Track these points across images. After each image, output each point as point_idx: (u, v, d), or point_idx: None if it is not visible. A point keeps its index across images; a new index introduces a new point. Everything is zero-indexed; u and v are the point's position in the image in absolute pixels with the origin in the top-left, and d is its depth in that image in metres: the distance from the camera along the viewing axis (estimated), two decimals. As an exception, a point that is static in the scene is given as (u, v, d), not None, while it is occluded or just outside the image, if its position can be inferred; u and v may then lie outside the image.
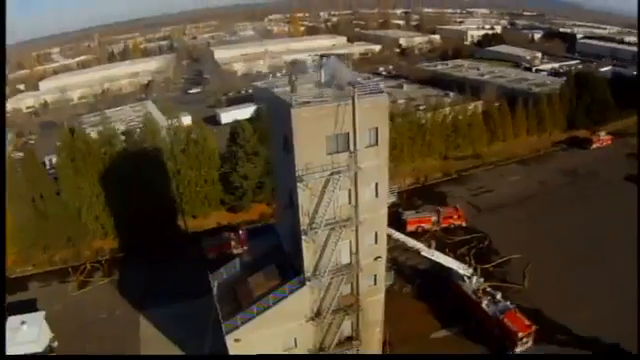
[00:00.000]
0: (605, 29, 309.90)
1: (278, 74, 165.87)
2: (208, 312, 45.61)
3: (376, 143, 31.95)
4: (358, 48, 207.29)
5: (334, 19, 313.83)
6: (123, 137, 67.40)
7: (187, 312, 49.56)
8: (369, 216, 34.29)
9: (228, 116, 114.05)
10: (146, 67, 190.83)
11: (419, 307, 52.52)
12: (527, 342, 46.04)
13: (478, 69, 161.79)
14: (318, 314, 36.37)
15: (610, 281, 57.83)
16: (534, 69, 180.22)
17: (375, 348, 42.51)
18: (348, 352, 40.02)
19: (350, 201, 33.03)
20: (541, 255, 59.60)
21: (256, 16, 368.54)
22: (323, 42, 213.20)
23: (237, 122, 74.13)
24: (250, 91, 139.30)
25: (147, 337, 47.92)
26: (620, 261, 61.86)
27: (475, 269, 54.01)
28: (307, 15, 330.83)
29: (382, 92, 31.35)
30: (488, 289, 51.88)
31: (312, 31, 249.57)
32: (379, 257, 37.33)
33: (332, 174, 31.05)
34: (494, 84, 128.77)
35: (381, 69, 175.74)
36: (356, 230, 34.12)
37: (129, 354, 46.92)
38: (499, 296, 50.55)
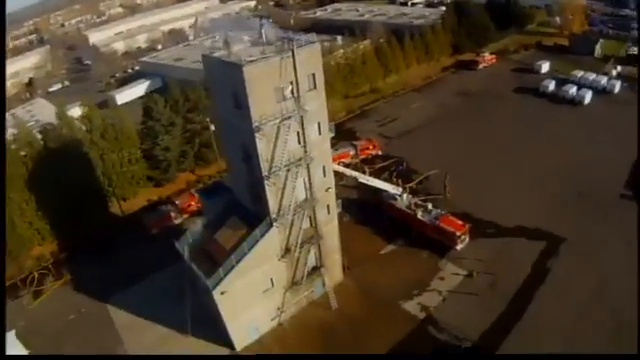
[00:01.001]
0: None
1: (159, 46, 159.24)
2: (175, 280, 46.75)
3: (315, 87, 34.49)
4: (233, 7, 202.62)
5: None
6: (40, 136, 63.13)
7: (152, 287, 50.33)
8: (316, 152, 37.40)
9: (123, 96, 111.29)
10: (24, 65, 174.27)
11: (362, 231, 56.90)
12: (465, 239, 52.19)
13: (357, 10, 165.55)
14: (287, 251, 39.17)
15: (516, 176, 66.28)
16: (409, 3, 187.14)
17: (337, 272, 46.45)
18: (315, 280, 43.14)
19: (300, 141, 35.52)
20: (454, 166, 65.96)
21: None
22: (195, 6, 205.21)
23: (138, 100, 72.01)
24: (137, 68, 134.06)
25: (123, 323, 47.63)
26: (520, 157, 70.53)
27: (404, 187, 58.61)
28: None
29: (315, 42, 33.25)
30: (419, 202, 56.81)
31: None
32: (329, 188, 40.55)
33: (283, 120, 32.88)
34: (377, 23, 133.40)
35: (262, 22, 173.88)
36: (307, 167, 36.58)
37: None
38: (430, 206, 55.73)
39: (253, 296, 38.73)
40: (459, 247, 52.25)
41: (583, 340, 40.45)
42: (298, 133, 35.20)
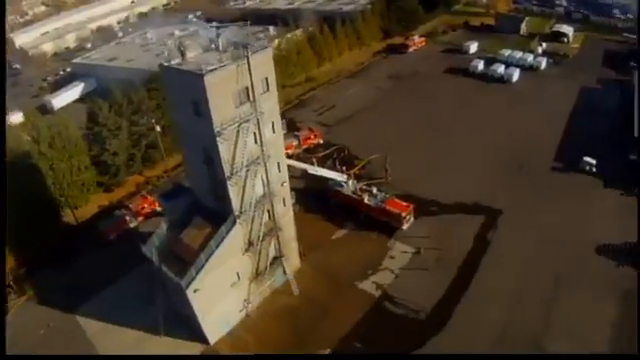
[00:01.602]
0: None
1: (88, 45, 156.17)
2: (141, 283, 49.94)
3: (268, 89, 38.79)
4: (161, 1, 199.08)
5: None
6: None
7: (119, 293, 52.46)
8: (272, 150, 41.62)
9: (60, 100, 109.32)
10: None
11: (313, 219, 61.45)
12: (410, 219, 58.43)
13: None
14: (250, 244, 43.54)
15: (452, 154, 73.97)
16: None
17: (295, 260, 51.50)
18: (276, 269, 47.95)
19: (257, 141, 39.69)
20: (393, 149, 72.05)
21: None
22: (121, 1, 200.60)
23: (75, 103, 72.61)
24: (69, 69, 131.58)
25: (95, 331, 49.04)
26: (454, 136, 78.29)
27: (349, 175, 64.22)
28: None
29: (267, 47, 37.61)
30: (364, 187, 62.62)
31: None
32: (284, 182, 45.23)
33: (241, 123, 37.15)
34: (307, 10, 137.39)
35: (190, 16, 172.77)
36: (265, 164, 41.01)
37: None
38: (375, 190, 61.67)
39: (222, 291, 42.63)
40: (405, 227, 58.48)
41: (523, 305, 47.87)
42: (255, 134, 39.16)
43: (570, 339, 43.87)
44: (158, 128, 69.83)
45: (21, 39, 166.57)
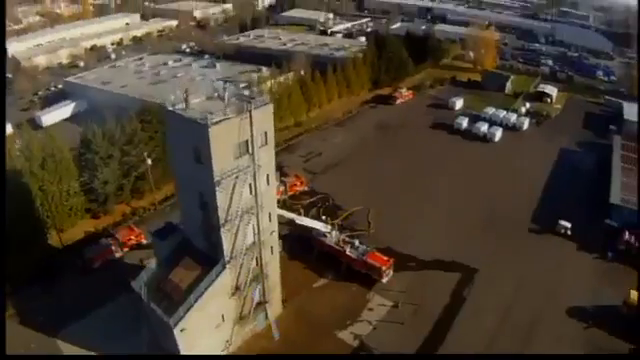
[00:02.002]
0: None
1: (81, 63, 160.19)
2: (123, 312, 52.41)
3: (266, 143, 42.70)
4: (155, 26, 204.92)
5: None
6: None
7: (101, 320, 54.20)
8: (265, 201, 45.22)
9: (49, 118, 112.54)
10: None
11: (296, 265, 64.52)
12: (389, 273, 61.98)
13: (279, 38, 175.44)
14: (237, 289, 46.58)
15: (432, 210, 78.24)
16: (329, 31, 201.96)
17: (278, 305, 54.40)
18: (259, 313, 51.03)
19: (251, 192, 43.34)
20: (375, 201, 76.89)
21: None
22: (117, 22, 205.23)
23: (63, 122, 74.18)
24: (60, 86, 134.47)
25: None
26: (435, 192, 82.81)
27: (332, 225, 68.04)
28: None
29: (268, 103, 41.83)
30: (347, 239, 66.38)
31: (102, 10, 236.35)
32: (273, 231, 48.73)
33: (239, 174, 41.00)
34: (298, 53, 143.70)
35: (184, 47, 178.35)
36: (257, 214, 44.74)
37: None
38: (357, 242, 65.50)
39: (206, 331, 45.05)
40: (385, 280, 61.68)
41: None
42: (250, 185, 43.02)
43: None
44: (149, 161, 72.85)
45: (14, 48, 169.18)
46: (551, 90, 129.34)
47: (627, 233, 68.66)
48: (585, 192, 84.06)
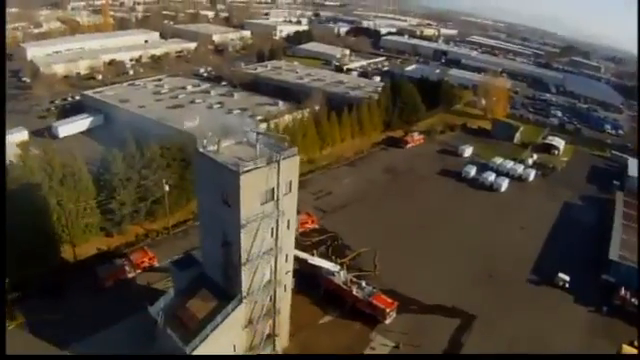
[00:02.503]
0: (405, 21, 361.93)
1: (99, 76, 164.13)
2: (132, 334, 55.88)
3: (290, 191, 47.11)
4: (174, 46, 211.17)
5: (139, 7, 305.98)
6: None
7: (111, 338, 57.05)
8: (284, 244, 49.48)
9: (66, 129, 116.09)
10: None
11: (302, 301, 67.24)
12: (392, 315, 65.44)
13: (296, 72, 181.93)
14: (250, 322, 50.48)
15: (436, 256, 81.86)
16: (345, 68, 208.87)
17: (285, 338, 57.92)
18: (267, 345, 54.76)
19: (272, 235, 47.62)
20: (381, 243, 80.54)
21: (57, 2, 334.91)
22: (136, 38, 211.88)
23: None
24: (77, 97, 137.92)
25: None
26: (440, 239, 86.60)
27: (341, 265, 72.01)
28: (111, 2, 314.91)
29: (295, 155, 46.35)
30: (354, 279, 70.18)
31: (122, 24, 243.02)
32: (288, 271, 52.84)
33: (263, 218, 45.40)
34: (315, 89, 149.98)
35: (201, 70, 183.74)
36: (276, 255, 48.99)
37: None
38: (364, 283, 69.30)
39: None
40: (388, 321, 65.19)
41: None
42: (272, 228, 47.55)
43: None
44: (167, 187, 77.33)
45: (33, 52, 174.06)
46: (559, 142, 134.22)
47: (623, 289, 72.14)
48: (585, 246, 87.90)
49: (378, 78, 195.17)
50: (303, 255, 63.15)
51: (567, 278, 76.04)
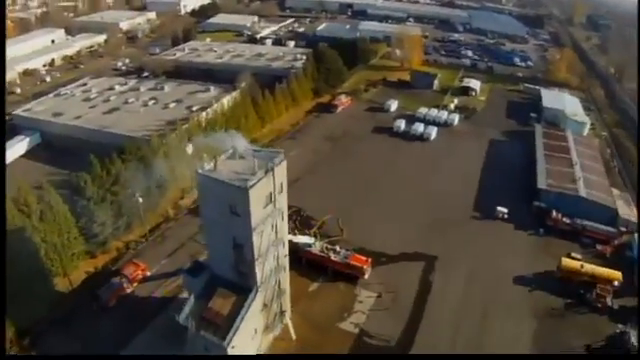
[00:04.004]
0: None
1: (17, 90, 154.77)
2: (152, 346, 62.99)
3: (282, 190, 55.67)
4: (84, 42, 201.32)
5: (32, 3, 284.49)
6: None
7: (139, 351, 63.52)
8: (282, 233, 58.61)
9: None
10: None
11: (289, 275, 75.03)
12: (368, 270, 76.39)
13: (215, 50, 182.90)
14: (265, 305, 59.75)
15: (389, 209, 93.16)
16: (258, 37, 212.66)
17: (289, 312, 67.27)
18: (278, 321, 64.45)
19: (273, 229, 56.49)
20: (341, 209, 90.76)
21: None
22: (42, 40, 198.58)
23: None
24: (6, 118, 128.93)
25: None
26: (388, 193, 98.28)
27: (315, 236, 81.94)
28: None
29: (284, 160, 54.40)
30: (328, 246, 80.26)
31: (23, 25, 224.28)
32: (286, 255, 62.22)
33: (267, 218, 54.17)
34: (238, 67, 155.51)
35: (119, 64, 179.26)
36: (277, 245, 58.15)
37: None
38: (338, 247, 79.63)
39: (246, 344, 56.94)
40: (366, 276, 76.11)
41: (463, 326, 67.68)
42: (272, 224, 56.10)
43: (501, 349, 63.99)
44: (141, 199, 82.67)
45: None
46: (475, 84, 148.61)
47: (554, 212, 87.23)
48: (515, 179, 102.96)
49: (292, 43, 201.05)
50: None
51: (505, 210, 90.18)
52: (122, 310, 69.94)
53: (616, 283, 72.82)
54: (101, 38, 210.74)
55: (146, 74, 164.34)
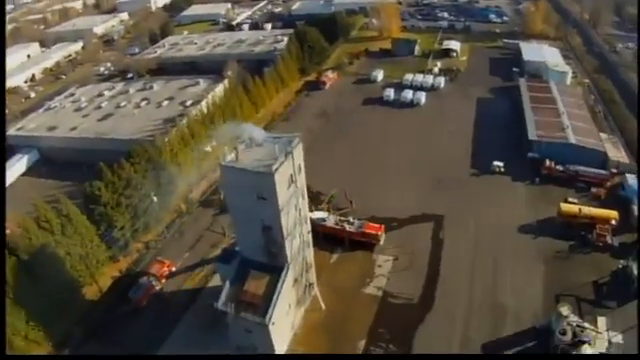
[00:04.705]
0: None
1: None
2: (192, 335, 66.92)
3: (300, 171, 59.13)
4: (60, 52, 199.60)
5: None
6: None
7: (182, 343, 66.55)
8: (304, 211, 62.39)
9: (7, 176, 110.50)
10: None
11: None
12: (383, 236, 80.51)
13: (195, 43, 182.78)
14: (295, 280, 63.79)
15: (392, 176, 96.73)
16: (234, 23, 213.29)
17: (315, 284, 71.15)
18: (307, 294, 68.62)
19: (296, 208, 60.07)
20: (346, 181, 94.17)
21: None
22: (17, 56, 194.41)
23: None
24: None
25: None
26: (389, 160, 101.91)
27: (328, 210, 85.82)
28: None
29: (300, 142, 57.51)
30: (342, 218, 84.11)
31: None
32: (309, 231, 66.05)
33: (291, 199, 57.81)
34: (221, 56, 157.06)
35: (102, 69, 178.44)
36: (302, 223, 61.97)
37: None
38: (351, 218, 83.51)
39: (283, 319, 60.87)
40: (381, 242, 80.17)
41: (478, 276, 72.40)
42: (295, 204, 59.70)
43: (514, 293, 68.93)
44: (155, 199, 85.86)
45: None
46: (455, 45, 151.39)
47: (547, 161, 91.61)
48: (506, 134, 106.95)
49: (269, 25, 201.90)
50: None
51: (501, 164, 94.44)
52: (154, 308, 72.48)
53: (614, 222, 77.36)
54: (78, 46, 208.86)
55: (130, 75, 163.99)
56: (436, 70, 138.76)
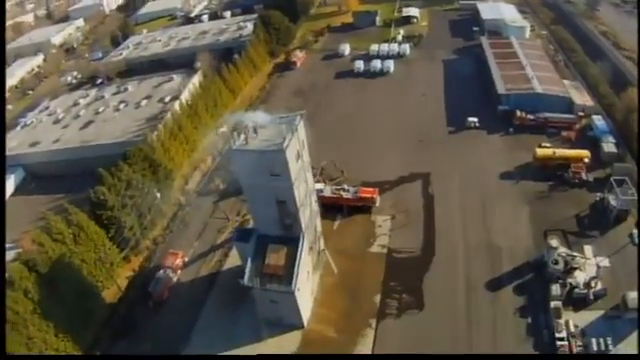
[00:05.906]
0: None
1: None
2: (217, 319, 69.55)
3: (304, 146, 63.16)
4: (23, 68, 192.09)
5: None
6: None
7: (207, 332, 67.58)
8: (310, 182, 66.71)
9: None
10: None
11: None
12: (378, 198, 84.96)
13: (158, 40, 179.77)
14: (310, 248, 68.34)
15: (375, 143, 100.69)
16: (193, 15, 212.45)
17: (322, 246, 75.84)
18: (320, 259, 73.35)
19: (304, 181, 64.30)
20: (333, 152, 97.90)
21: None
22: None
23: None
24: None
25: None
26: (369, 128, 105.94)
27: (324, 182, 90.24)
28: None
29: (302, 120, 61.30)
30: (337, 187, 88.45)
31: None
32: (316, 200, 70.49)
33: (300, 172, 61.96)
34: (188, 49, 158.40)
35: (69, 79, 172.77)
36: (309, 194, 66.37)
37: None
38: (345, 186, 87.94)
39: (304, 285, 64.84)
40: (377, 204, 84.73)
41: (470, 221, 78.25)
42: (303, 177, 63.26)
43: (506, 233, 75.00)
44: (159, 195, 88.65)
45: None
46: (414, 12, 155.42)
47: (518, 112, 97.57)
48: (475, 90, 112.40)
49: (229, 13, 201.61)
50: None
51: (475, 119, 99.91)
52: (176, 298, 74.01)
53: (586, 160, 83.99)
54: (39, 59, 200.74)
55: (100, 80, 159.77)
56: (400, 38, 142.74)
